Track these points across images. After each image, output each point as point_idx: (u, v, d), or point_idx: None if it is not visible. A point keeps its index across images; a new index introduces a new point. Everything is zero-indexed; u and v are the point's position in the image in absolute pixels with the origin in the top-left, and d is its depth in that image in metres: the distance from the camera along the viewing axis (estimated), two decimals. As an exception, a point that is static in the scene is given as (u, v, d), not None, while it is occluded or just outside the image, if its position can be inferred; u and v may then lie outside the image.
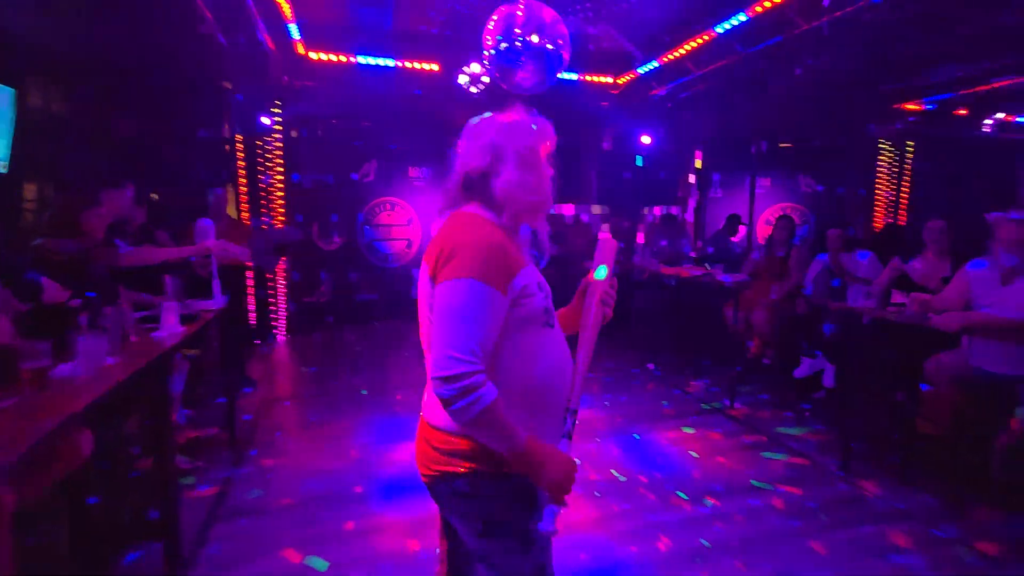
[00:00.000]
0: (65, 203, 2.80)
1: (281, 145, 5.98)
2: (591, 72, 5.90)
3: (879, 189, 7.71)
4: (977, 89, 5.80)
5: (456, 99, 5.55)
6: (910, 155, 7.76)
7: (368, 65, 5.51)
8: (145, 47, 4.18)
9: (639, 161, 7.97)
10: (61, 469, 1.57)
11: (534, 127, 1.17)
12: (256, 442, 3.40)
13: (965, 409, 3.03)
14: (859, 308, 3.52)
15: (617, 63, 5.66)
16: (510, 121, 1.16)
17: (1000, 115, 6.78)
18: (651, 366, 5.12)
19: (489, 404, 0.98)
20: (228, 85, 5.31)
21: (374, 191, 7.39)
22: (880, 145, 7.52)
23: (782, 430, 3.62)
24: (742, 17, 3.79)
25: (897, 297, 3.37)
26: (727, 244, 6.61)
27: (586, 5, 4.21)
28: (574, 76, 5.83)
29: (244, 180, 5.84)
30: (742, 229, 6.72)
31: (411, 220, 7.64)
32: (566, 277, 7.87)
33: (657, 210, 7.97)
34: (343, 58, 5.45)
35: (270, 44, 4.72)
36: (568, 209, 8.11)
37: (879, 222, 7.71)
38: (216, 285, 3.09)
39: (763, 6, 3.56)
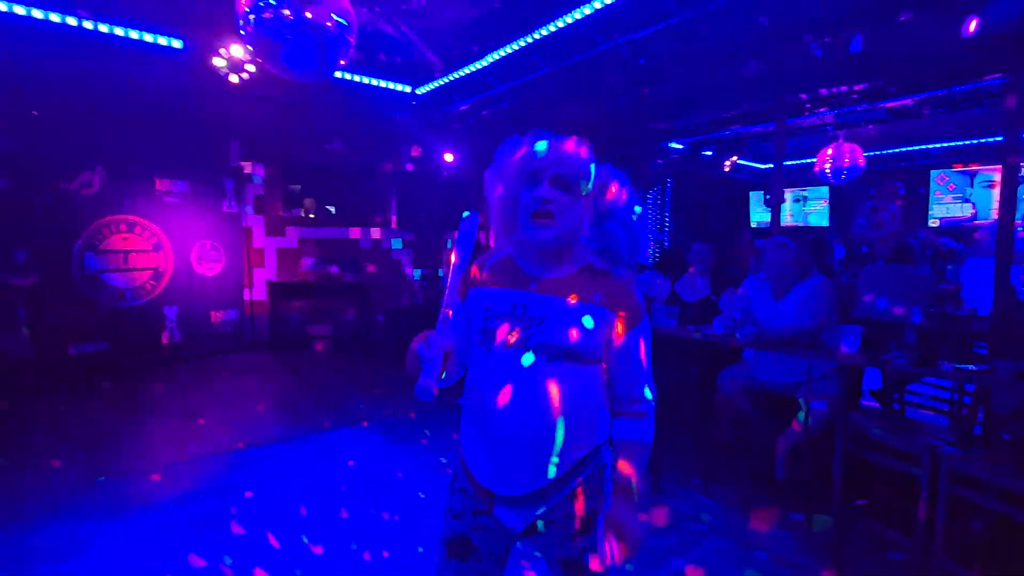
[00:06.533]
0: None
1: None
2: (388, 78, 5.30)
3: (648, 218, 8.71)
4: (721, 133, 6.85)
5: (214, 91, 4.39)
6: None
7: (71, 28, 3.89)
8: None
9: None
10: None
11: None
12: None
13: (751, 417, 3.24)
14: (663, 328, 3.58)
15: (417, 71, 5.16)
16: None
17: (734, 157, 8.19)
18: (412, 415, 4.41)
19: None
20: None
21: (101, 207, 5.57)
22: (650, 179, 8.50)
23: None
24: (543, 32, 3.68)
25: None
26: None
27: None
28: (369, 80, 5.17)
29: None
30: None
31: (159, 245, 6.00)
32: (365, 306, 7.09)
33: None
34: (20, 9, 3.70)
35: None
36: (361, 232, 7.34)
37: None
38: None
39: (566, 21, 3.48)
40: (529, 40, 3.83)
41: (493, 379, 1.19)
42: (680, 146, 7.50)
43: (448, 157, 6.65)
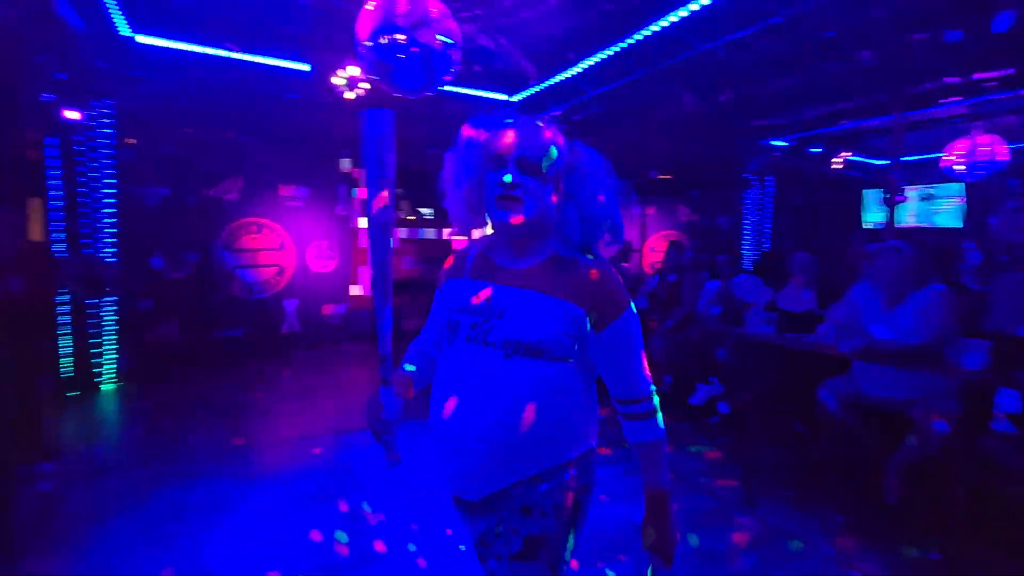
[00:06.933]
0: None
1: (112, 152, 4.90)
2: (485, 88, 5.57)
3: (746, 219, 8.28)
4: (830, 129, 6.39)
5: (332, 106, 4.88)
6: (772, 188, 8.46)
7: (220, 58, 4.54)
8: None
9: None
10: None
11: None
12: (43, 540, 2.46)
13: (857, 433, 3.05)
14: (760, 335, 3.47)
15: (512, 79, 5.38)
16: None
17: (846, 153, 7.58)
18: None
19: None
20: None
21: (237, 211, 6.39)
22: (747, 178, 8.08)
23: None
24: (638, 36, 3.70)
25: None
26: (621, 271, 6.64)
27: (477, 13, 3.88)
28: (468, 91, 5.47)
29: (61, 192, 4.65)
30: (634, 256, 6.78)
31: (283, 245, 6.73)
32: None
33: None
34: (184, 46, 4.43)
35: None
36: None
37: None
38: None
39: (661, 25, 3.48)
40: (623, 45, 3.87)
41: (450, 375, 1.12)
42: (783, 143, 7.09)
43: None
